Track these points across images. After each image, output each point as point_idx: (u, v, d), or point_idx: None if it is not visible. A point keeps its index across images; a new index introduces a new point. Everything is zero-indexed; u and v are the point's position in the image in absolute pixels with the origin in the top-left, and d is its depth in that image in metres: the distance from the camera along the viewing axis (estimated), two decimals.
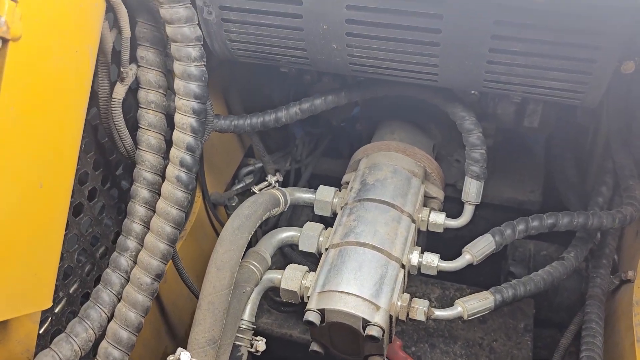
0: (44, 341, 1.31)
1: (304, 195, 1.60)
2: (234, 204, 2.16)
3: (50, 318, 1.32)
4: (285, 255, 1.96)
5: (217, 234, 2.04)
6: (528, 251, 2.02)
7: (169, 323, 1.87)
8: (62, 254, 1.21)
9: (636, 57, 1.22)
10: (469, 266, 1.47)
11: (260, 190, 1.54)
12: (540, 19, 1.15)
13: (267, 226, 2.06)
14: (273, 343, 1.59)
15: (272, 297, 1.89)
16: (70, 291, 1.38)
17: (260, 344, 1.40)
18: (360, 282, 1.29)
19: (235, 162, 2.21)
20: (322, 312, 1.27)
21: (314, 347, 1.38)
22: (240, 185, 2.18)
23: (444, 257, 1.45)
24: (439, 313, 1.37)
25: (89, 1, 1.05)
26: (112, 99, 1.27)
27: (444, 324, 1.83)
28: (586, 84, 1.21)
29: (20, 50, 0.91)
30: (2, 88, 0.89)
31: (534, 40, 1.17)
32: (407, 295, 1.36)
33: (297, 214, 2.09)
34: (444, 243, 1.73)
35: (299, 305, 1.88)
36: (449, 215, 1.55)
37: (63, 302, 1.35)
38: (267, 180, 1.62)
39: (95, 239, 1.47)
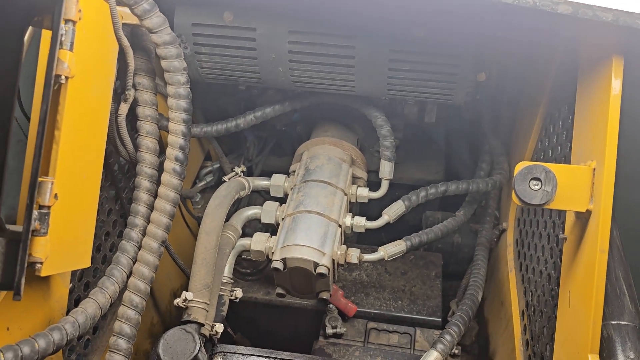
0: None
1: (262, 182, 2.07)
2: (197, 200, 2.61)
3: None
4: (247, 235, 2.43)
5: (186, 222, 2.50)
6: (437, 219, 2.56)
7: (154, 297, 2.28)
8: None
9: (486, 70, 1.80)
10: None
11: (229, 178, 2.00)
12: (420, 46, 1.70)
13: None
14: (241, 306, 1.98)
15: (238, 270, 2.34)
16: None
17: (239, 292, 1.86)
18: (310, 237, 1.77)
19: (197, 164, 2.63)
20: (284, 261, 1.74)
21: (279, 290, 1.84)
22: (202, 183, 2.61)
23: None
24: (367, 257, 1.87)
25: (112, 47, 1.49)
26: (118, 114, 1.69)
27: (375, 277, 2.35)
28: (453, 89, 1.77)
29: (75, 84, 1.34)
30: (66, 110, 1.32)
31: (416, 62, 1.72)
32: (344, 246, 1.86)
33: (253, 200, 2.56)
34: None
35: (260, 274, 2.36)
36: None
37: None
38: (234, 171, 2.08)
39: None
